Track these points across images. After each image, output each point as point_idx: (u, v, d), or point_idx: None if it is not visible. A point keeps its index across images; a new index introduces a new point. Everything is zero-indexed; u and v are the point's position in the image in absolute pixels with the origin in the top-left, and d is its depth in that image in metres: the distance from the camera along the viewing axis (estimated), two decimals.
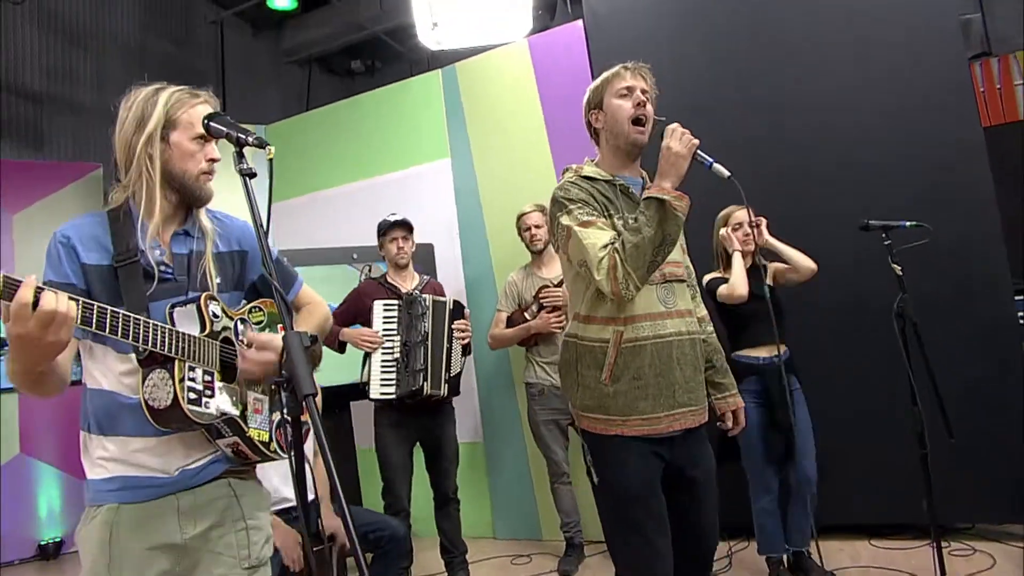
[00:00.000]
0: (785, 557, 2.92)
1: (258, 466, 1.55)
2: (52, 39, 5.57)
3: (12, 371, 1.26)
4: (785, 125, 3.48)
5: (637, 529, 1.68)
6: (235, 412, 1.39)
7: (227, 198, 1.52)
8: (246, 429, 1.41)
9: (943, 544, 2.98)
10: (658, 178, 1.68)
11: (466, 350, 3.25)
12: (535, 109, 4.02)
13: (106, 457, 1.37)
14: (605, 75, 1.87)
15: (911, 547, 3.08)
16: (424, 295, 3.15)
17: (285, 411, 1.41)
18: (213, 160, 1.46)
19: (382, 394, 3.04)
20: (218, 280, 1.49)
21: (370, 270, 3.49)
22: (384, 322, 3.11)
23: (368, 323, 3.13)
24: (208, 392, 1.35)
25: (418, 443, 3.19)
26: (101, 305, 1.22)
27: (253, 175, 1.32)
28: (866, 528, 3.30)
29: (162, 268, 1.42)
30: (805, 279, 2.85)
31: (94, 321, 1.20)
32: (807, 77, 3.45)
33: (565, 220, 1.75)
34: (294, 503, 2.51)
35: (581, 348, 1.77)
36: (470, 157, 4.23)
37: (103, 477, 1.37)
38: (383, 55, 7.68)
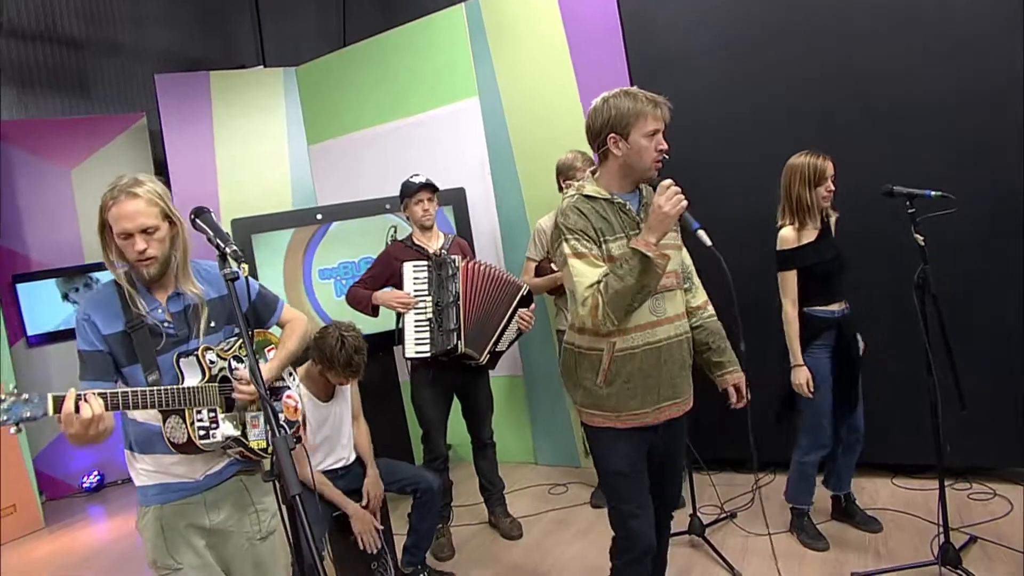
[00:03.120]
0: (832, 497, 3.02)
1: (296, 387, 1.96)
2: None
3: (77, 445, 1.58)
4: (814, 60, 3.27)
5: (622, 498, 2.03)
6: (236, 433, 1.74)
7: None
8: (247, 442, 1.77)
9: (964, 487, 3.09)
10: (646, 231, 1.81)
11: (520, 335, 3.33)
12: (560, 42, 3.87)
13: (147, 470, 1.77)
14: (631, 109, 1.89)
15: (931, 488, 3.14)
16: (452, 256, 3.22)
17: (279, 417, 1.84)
18: (139, 252, 1.66)
19: (417, 353, 3.16)
20: (212, 324, 1.81)
21: (395, 232, 3.55)
22: (415, 283, 3.19)
23: (399, 285, 3.22)
24: (214, 425, 1.69)
25: (454, 394, 3.38)
26: (123, 391, 1.54)
27: (236, 278, 1.50)
28: (892, 466, 3.38)
29: (165, 325, 1.73)
30: None
31: (120, 404, 1.53)
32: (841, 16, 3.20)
33: (564, 248, 1.91)
34: (336, 466, 2.82)
35: (579, 355, 2.01)
36: (498, 95, 4.15)
37: (147, 484, 1.77)
38: None
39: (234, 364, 1.78)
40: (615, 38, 3.71)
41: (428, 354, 3.16)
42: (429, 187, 3.25)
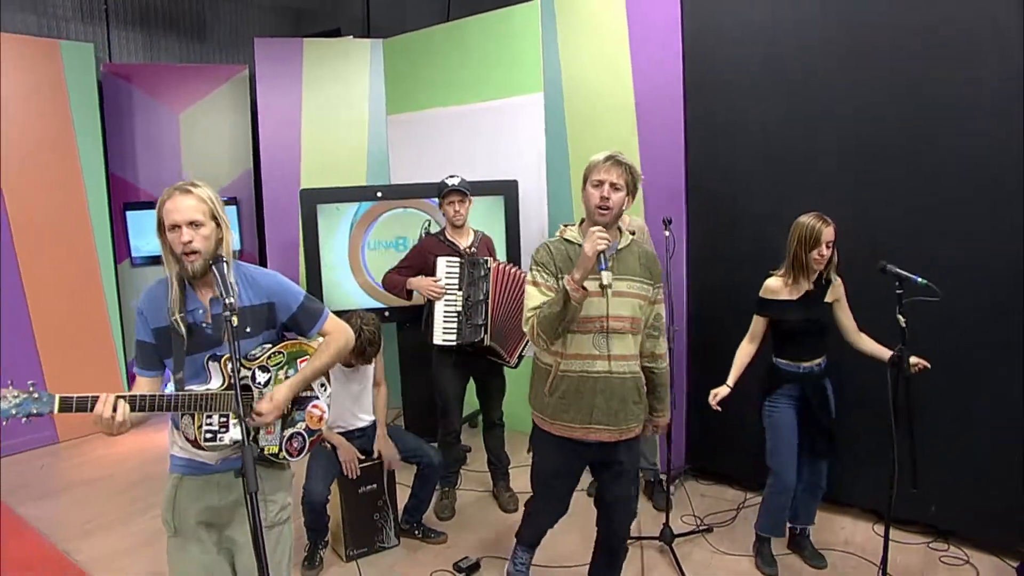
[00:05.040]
0: (789, 528, 3.19)
1: (326, 398, 2.09)
2: None
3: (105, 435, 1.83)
4: (871, 75, 3.22)
5: (541, 496, 2.56)
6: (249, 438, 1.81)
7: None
8: (258, 446, 1.95)
9: (941, 547, 3.19)
10: (574, 269, 2.15)
11: None
12: (623, 49, 3.95)
13: (180, 444, 1.97)
14: (589, 163, 2.31)
15: (907, 542, 3.25)
16: (486, 258, 3.50)
17: (298, 426, 2.03)
18: (184, 243, 1.80)
19: (444, 340, 3.51)
20: (248, 329, 1.91)
21: (429, 225, 3.82)
22: (447, 277, 3.52)
23: (431, 276, 3.54)
24: (223, 429, 1.85)
25: (471, 378, 3.71)
26: (142, 395, 1.75)
27: (230, 320, 1.67)
28: (879, 513, 3.45)
29: (204, 325, 1.88)
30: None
31: (138, 405, 1.73)
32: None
33: (528, 276, 2.36)
34: (353, 428, 3.25)
35: (539, 366, 2.43)
36: (561, 94, 4.29)
37: (175, 455, 1.99)
38: None
39: (258, 374, 1.92)
40: (675, 52, 3.76)
41: (454, 343, 3.50)
42: (459, 192, 3.49)
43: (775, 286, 2.91)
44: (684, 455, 4.08)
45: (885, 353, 2.86)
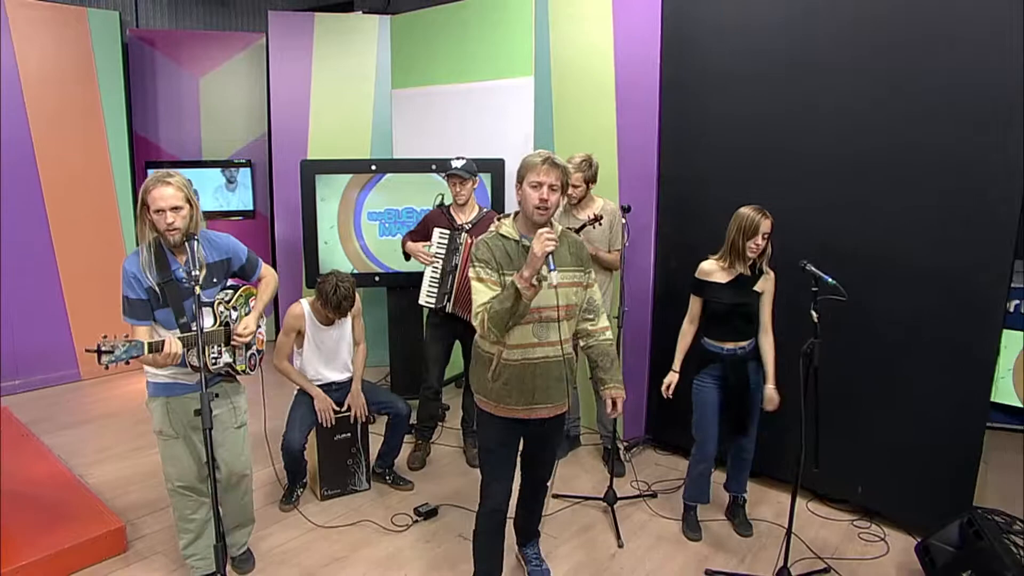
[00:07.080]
0: (732, 497, 3.50)
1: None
2: None
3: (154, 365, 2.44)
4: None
5: (487, 464, 2.61)
6: (232, 360, 2.59)
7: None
8: (235, 365, 2.61)
9: (864, 525, 3.45)
10: (523, 267, 2.26)
11: None
12: (607, 40, 4.13)
13: (162, 374, 2.55)
14: (527, 163, 2.37)
15: (833, 519, 3.51)
16: (463, 234, 3.79)
17: (252, 348, 2.65)
18: (168, 223, 2.32)
19: (426, 302, 3.89)
20: (214, 280, 2.55)
21: (442, 199, 4.09)
22: (437, 246, 3.85)
23: None
24: (219, 355, 2.55)
25: (457, 341, 4.02)
26: (185, 335, 2.37)
27: (194, 291, 2.15)
28: (818, 494, 3.69)
29: (182, 282, 2.42)
30: None
31: (185, 343, 2.35)
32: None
33: (470, 272, 2.45)
34: (330, 381, 3.60)
35: (481, 354, 2.56)
36: (549, 80, 4.48)
37: (158, 382, 2.57)
38: None
39: (232, 313, 2.60)
40: (654, 42, 3.93)
41: (433, 305, 3.85)
42: (457, 175, 3.76)
43: (709, 268, 3.10)
44: (644, 426, 4.37)
45: (770, 367, 3.14)
